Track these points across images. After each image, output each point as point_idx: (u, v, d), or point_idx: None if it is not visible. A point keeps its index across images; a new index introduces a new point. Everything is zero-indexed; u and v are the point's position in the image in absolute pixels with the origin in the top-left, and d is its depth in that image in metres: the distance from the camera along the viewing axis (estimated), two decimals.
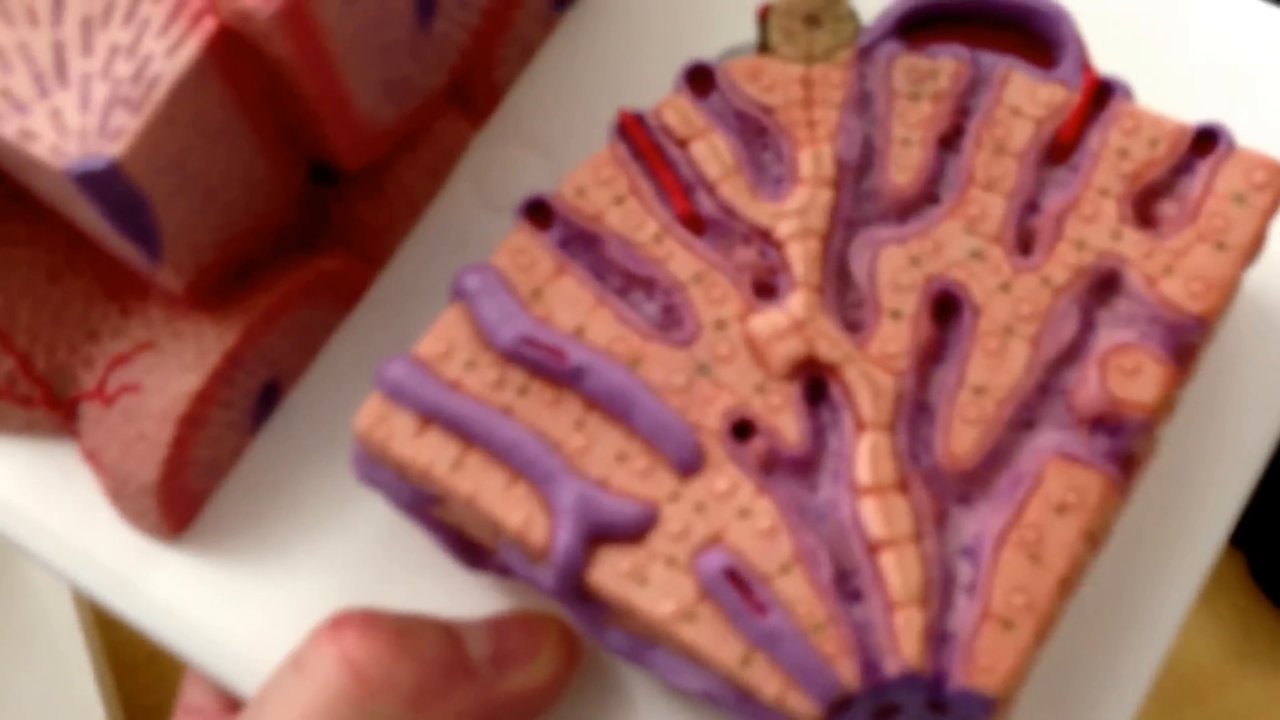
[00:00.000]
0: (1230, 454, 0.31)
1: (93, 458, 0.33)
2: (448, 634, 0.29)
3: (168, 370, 0.31)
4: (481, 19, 0.33)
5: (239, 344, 0.31)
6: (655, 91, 0.36)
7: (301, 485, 0.33)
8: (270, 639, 0.32)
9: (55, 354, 0.32)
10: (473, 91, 0.35)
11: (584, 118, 0.36)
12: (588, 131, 0.36)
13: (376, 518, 0.32)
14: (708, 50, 0.36)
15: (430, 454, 0.27)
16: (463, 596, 0.32)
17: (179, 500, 0.32)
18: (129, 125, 0.26)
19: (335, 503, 0.33)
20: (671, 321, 0.28)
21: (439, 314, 0.34)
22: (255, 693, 0.29)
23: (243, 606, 0.32)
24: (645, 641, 0.28)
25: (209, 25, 0.27)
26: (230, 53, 0.27)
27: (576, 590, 0.27)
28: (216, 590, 0.32)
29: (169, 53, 0.27)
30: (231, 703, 0.35)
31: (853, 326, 0.28)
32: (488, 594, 0.32)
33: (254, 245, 0.32)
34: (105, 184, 0.27)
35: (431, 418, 0.27)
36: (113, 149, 0.26)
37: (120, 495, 0.32)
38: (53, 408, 0.33)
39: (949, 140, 0.29)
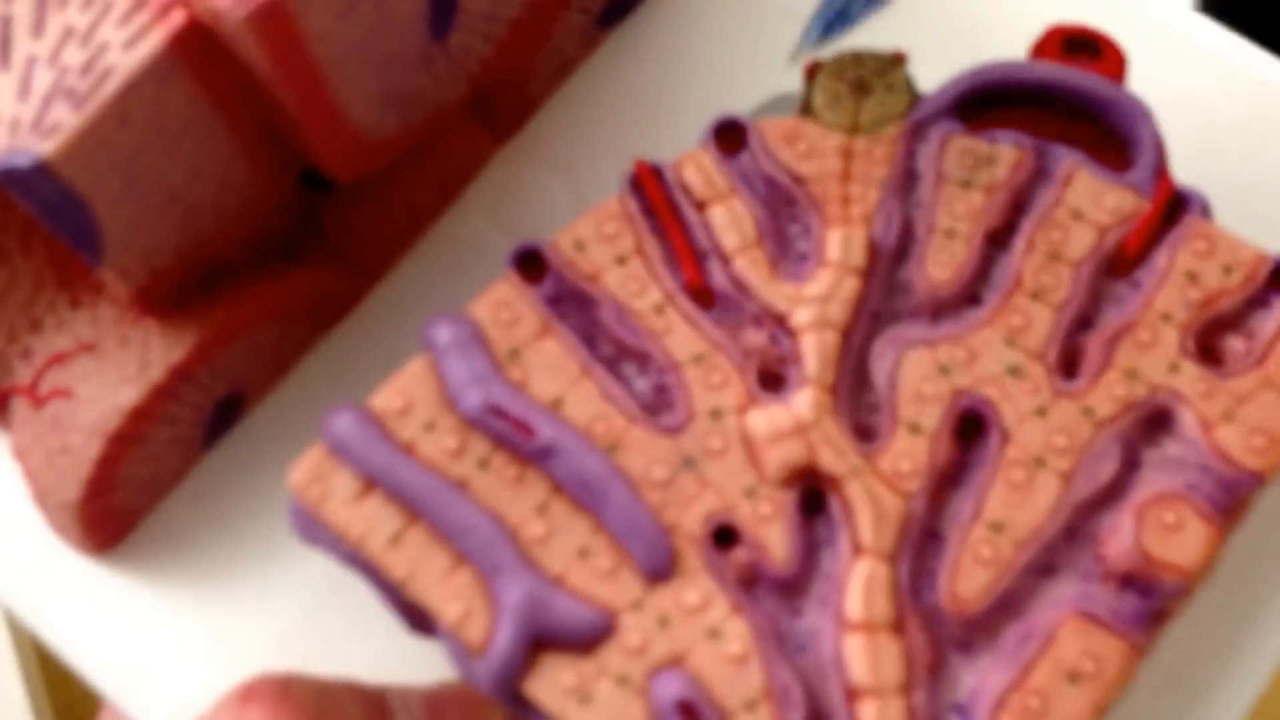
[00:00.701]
0: None
1: (20, 458, 0.30)
2: (375, 711, 0.26)
3: (105, 380, 0.28)
4: (510, 31, 0.30)
5: (188, 359, 0.28)
6: (695, 126, 0.33)
7: (248, 512, 0.30)
8: (187, 680, 0.29)
9: None
10: (499, 106, 0.32)
11: (616, 145, 0.33)
12: (618, 161, 0.33)
13: (322, 559, 0.29)
14: (755, 91, 0.32)
15: (367, 524, 0.24)
16: (405, 659, 0.29)
17: (105, 519, 0.29)
18: (67, 121, 0.23)
19: (281, 536, 0.30)
20: (662, 403, 0.25)
21: (408, 358, 0.31)
22: None
23: (164, 639, 0.29)
24: None
25: (177, 19, 0.24)
26: (202, 50, 0.24)
27: (512, 696, 0.24)
28: (139, 617, 0.29)
29: (128, 45, 0.24)
30: None
31: (865, 434, 0.25)
32: (432, 658, 0.29)
33: (226, 251, 0.29)
34: (31, 182, 0.24)
35: (375, 482, 0.24)
36: (43, 146, 0.23)
37: (43, 505, 0.29)
38: None
39: (999, 237, 0.26)
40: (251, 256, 0.29)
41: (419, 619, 0.27)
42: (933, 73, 0.32)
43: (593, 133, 0.33)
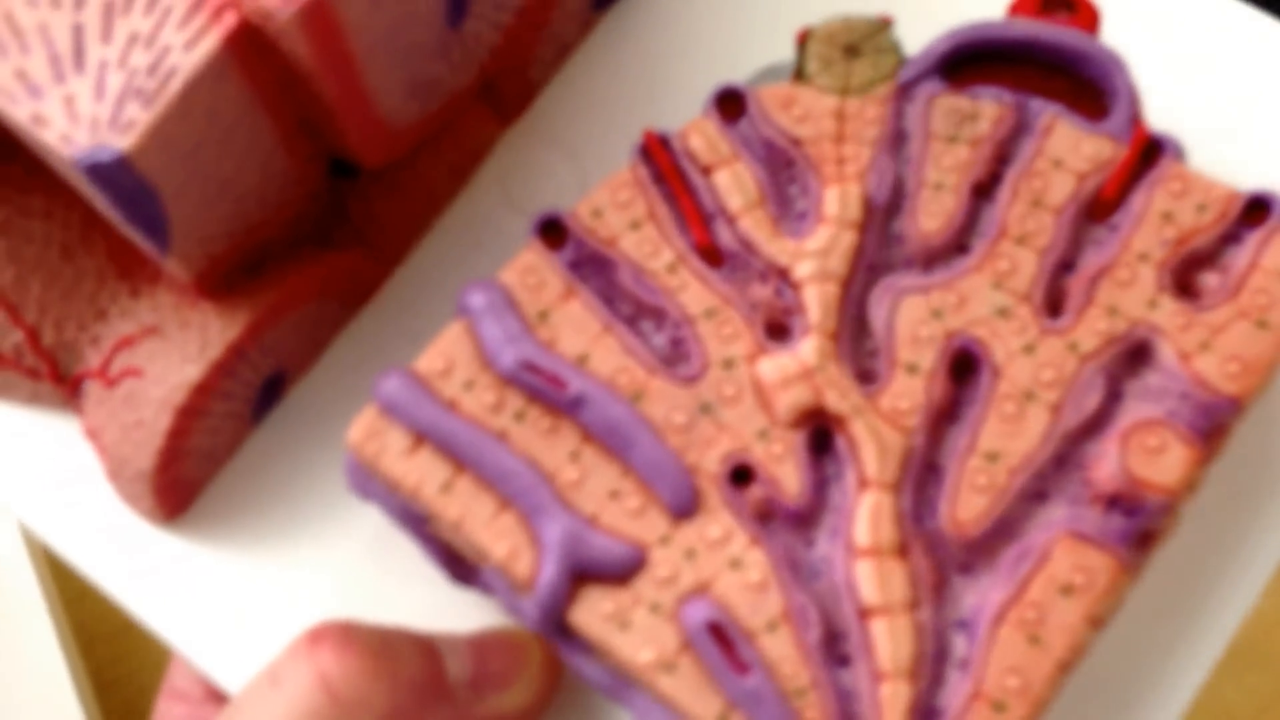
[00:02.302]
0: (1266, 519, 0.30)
1: (94, 436, 0.32)
2: (427, 653, 0.28)
3: (170, 359, 0.30)
4: (516, 18, 0.32)
5: (242, 337, 0.30)
6: (690, 99, 0.35)
7: (298, 481, 0.32)
8: (253, 634, 0.31)
9: (64, 330, 0.32)
10: (504, 91, 0.34)
11: (616, 123, 0.35)
12: (618, 137, 0.35)
13: (369, 521, 0.32)
14: (748, 63, 0.34)
15: (420, 474, 0.27)
16: (449, 608, 0.31)
17: (174, 488, 0.32)
18: (141, 118, 0.26)
19: (329, 502, 0.32)
20: (679, 355, 0.27)
21: (448, 320, 0.33)
22: (231, 701, 0.28)
23: (229, 598, 0.32)
24: (624, 681, 0.27)
25: (230, 20, 0.26)
26: (250, 48, 0.26)
27: (558, 626, 0.26)
28: (206, 579, 0.32)
29: (187, 46, 0.26)
30: (215, 691, 0.34)
31: (866, 376, 0.27)
32: (474, 608, 0.31)
33: (268, 238, 0.31)
34: (113, 176, 0.26)
35: (425, 437, 0.27)
36: (123, 141, 0.26)
37: (118, 477, 0.32)
38: (58, 383, 0.32)
39: (985, 188, 0.28)
40: (290, 241, 0.31)
41: (461, 570, 0.30)
42: (919, 34, 0.33)
43: (592, 111, 0.35)
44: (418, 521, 0.28)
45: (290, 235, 0.31)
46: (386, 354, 0.33)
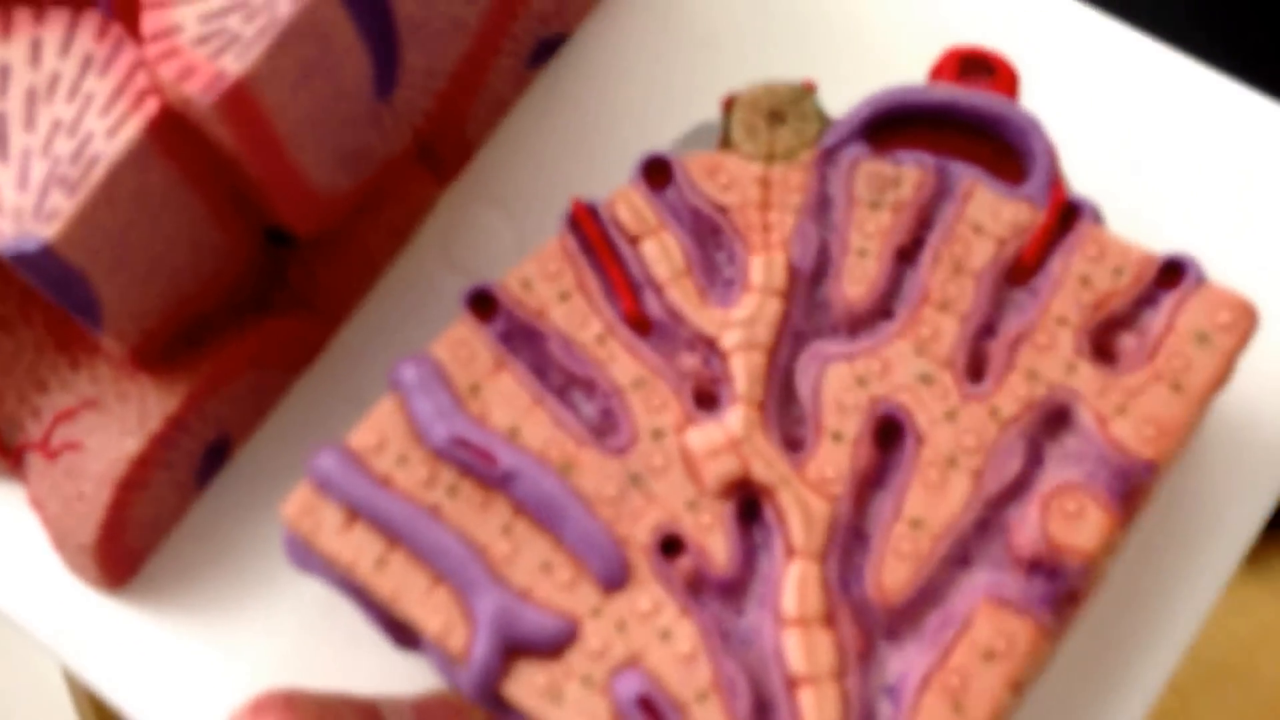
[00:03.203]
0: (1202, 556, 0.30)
1: (37, 507, 0.32)
2: (369, 718, 0.29)
3: (109, 432, 0.31)
4: (449, 82, 0.33)
5: (181, 409, 0.31)
6: (627, 154, 0.35)
7: (243, 546, 0.33)
8: (198, 701, 0.31)
9: (4, 402, 0.32)
10: (441, 151, 0.34)
11: (553, 180, 0.35)
12: (557, 194, 0.35)
13: (313, 585, 0.32)
14: (683, 115, 0.35)
15: (355, 551, 0.27)
16: (393, 673, 0.32)
17: (118, 558, 0.32)
18: (64, 207, 0.26)
19: (275, 566, 0.32)
20: (609, 425, 0.28)
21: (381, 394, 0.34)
22: None
23: (175, 664, 0.32)
24: None
25: (151, 107, 0.26)
26: (174, 132, 0.27)
27: (493, 698, 0.27)
28: (152, 645, 0.32)
29: (110, 133, 0.26)
30: None
31: (793, 443, 0.27)
32: (418, 672, 0.31)
33: (205, 308, 0.31)
34: (40, 264, 0.26)
35: (358, 513, 0.27)
36: (47, 231, 0.26)
37: (61, 548, 0.32)
38: (1, 454, 0.32)
39: (908, 253, 0.28)
40: (228, 310, 0.32)
41: (403, 636, 0.30)
42: (843, 96, 0.34)
43: (530, 169, 0.35)
44: (358, 591, 0.29)
45: (228, 303, 0.32)
46: (330, 415, 0.34)
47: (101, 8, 0.27)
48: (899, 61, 0.33)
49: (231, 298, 0.32)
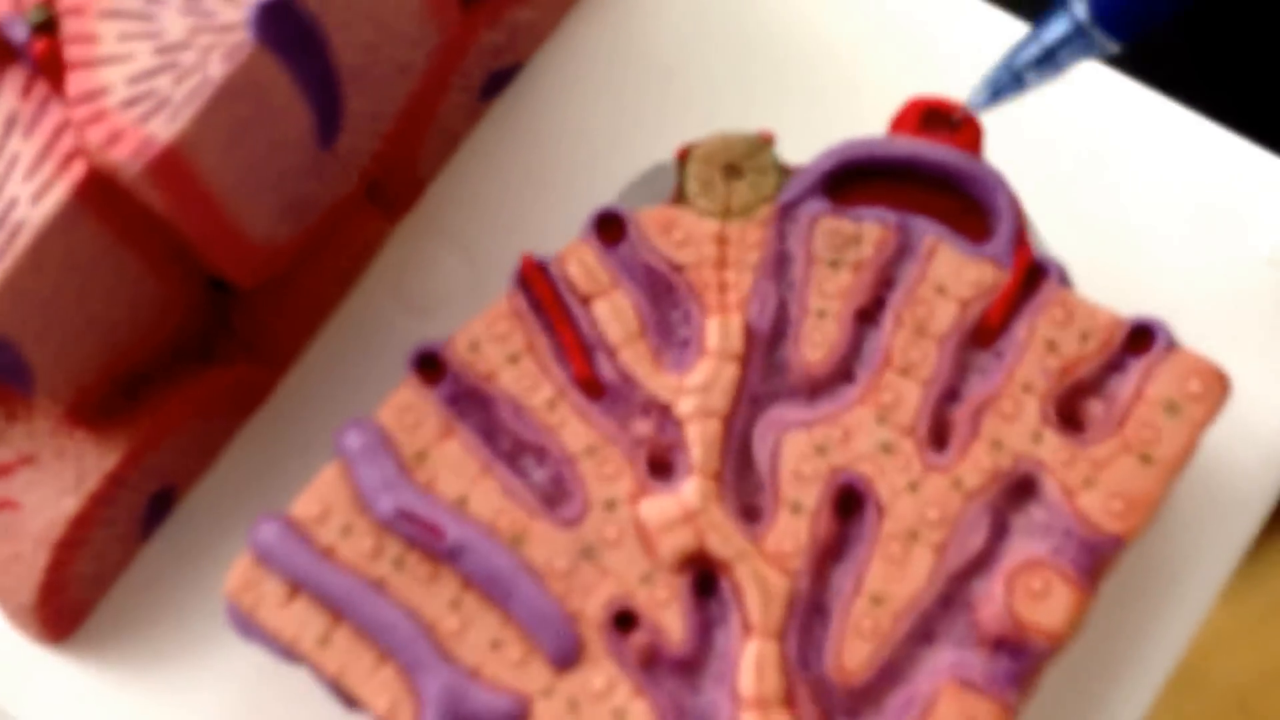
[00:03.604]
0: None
1: None
2: None
3: (47, 490, 0.30)
4: (397, 123, 0.31)
5: (121, 466, 0.29)
6: (582, 188, 0.34)
7: (189, 598, 0.32)
8: None
9: None
10: (391, 188, 0.33)
11: (508, 215, 0.34)
12: (511, 230, 0.34)
13: None
14: (640, 146, 0.34)
15: (298, 626, 0.26)
16: None
17: (59, 615, 0.31)
18: None
19: (223, 616, 0.31)
20: (560, 494, 0.27)
21: (341, 424, 0.33)
22: None
23: (121, 718, 0.31)
24: None
25: (78, 170, 0.25)
26: (102, 194, 0.26)
27: None
28: (96, 700, 0.31)
29: (35, 197, 0.25)
30: None
31: (751, 513, 0.27)
32: None
33: (144, 360, 0.30)
34: None
35: (301, 586, 0.26)
36: None
37: (2, 605, 0.31)
38: None
39: (869, 313, 0.27)
40: (169, 361, 0.30)
41: (352, 701, 0.29)
42: (803, 147, 0.32)
43: (483, 204, 0.34)
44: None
45: (169, 354, 0.31)
46: (279, 460, 0.33)
47: (26, 65, 0.25)
48: (860, 111, 0.32)
49: (172, 348, 0.31)
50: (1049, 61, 0.27)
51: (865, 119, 0.33)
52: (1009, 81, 0.27)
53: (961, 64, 0.33)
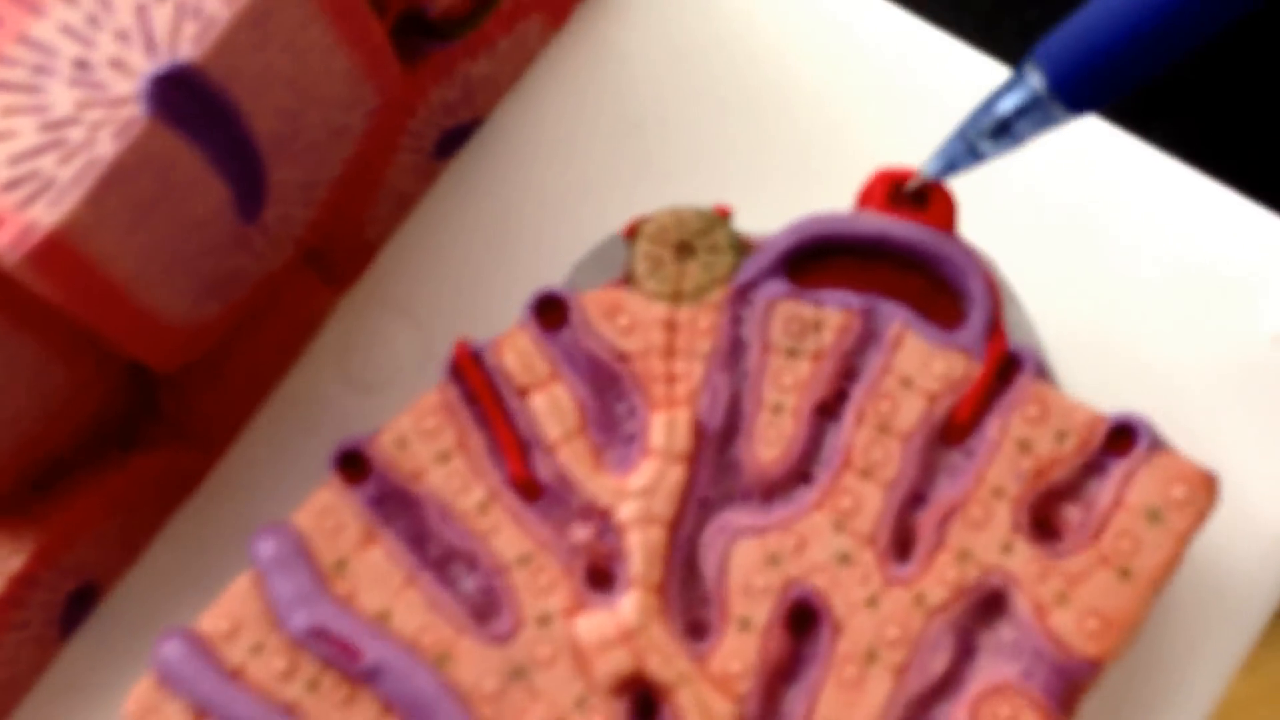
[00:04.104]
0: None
1: None
2: None
3: None
4: (335, 189, 0.29)
5: (29, 566, 0.28)
6: (544, 255, 0.32)
7: (113, 701, 0.30)
8: None
9: None
10: (335, 256, 0.31)
11: (463, 283, 0.32)
12: (465, 298, 0.32)
13: None
14: (605, 207, 0.32)
15: None
16: None
17: None
18: None
19: None
20: (491, 606, 0.25)
21: (280, 510, 0.31)
22: None
23: None
24: None
25: None
26: None
27: None
28: None
29: None
30: None
31: (696, 629, 0.24)
32: None
33: (56, 450, 0.28)
34: None
35: (207, 711, 0.24)
36: None
37: None
38: None
39: (829, 407, 0.25)
40: (88, 449, 0.28)
41: None
42: (760, 221, 0.30)
43: (436, 270, 0.32)
44: None
45: (88, 441, 0.29)
46: (211, 553, 0.30)
47: None
48: (823, 181, 0.29)
49: (91, 435, 0.29)
50: (1005, 133, 0.24)
51: (843, 172, 0.30)
52: (963, 153, 0.25)
53: (937, 130, 0.31)
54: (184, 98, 0.24)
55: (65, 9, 0.24)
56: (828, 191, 0.31)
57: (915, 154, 0.30)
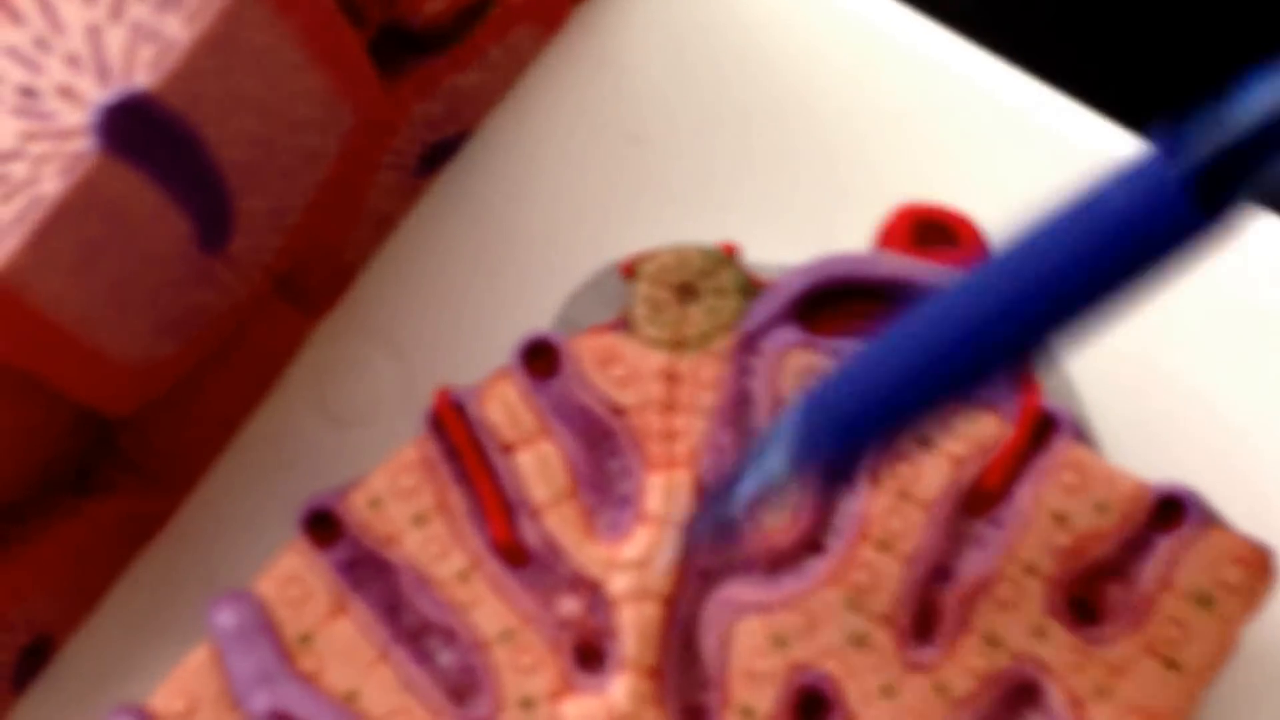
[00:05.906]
0: None
1: None
2: None
3: None
4: (309, 214, 0.27)
5: None
6: (533, 280, 0.30)
7: None
8: None
9: None
10: (310, 282, 0.29)
11: (447, 308, 0.30)
12: (450, 326, 0.30)
13: None
14: (601, 228, 0.29)
15: None
16: None
17: None
18: None
19: None
20: (469, 685, 0.22)
21: (250, 557, 0.29)
22: None
23: None
24: None
25: None
26: None
27: None
28: None
29: None
30: None
31: (695, 713, 0.22)
32: None
33: (4, 496, 0.26)
34: None
35: None
36: None
37: None
38: None
39: None
40: (38, 496, 0.26)
41: None
42: (772, 255, 0.28)
43: (420, 296, 0.30)
44: None
45: (39, 489, 0.26)
46: (174, 602, 0.28)
47: None
48: (838, 203, 0.27)
49: (41, 482, 0.26)
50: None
51: (861, 193, 0.28)
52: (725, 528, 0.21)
53: (966, 163, 0.28)
54: (139, 128, 0.21)
55: (10, 30, 0.22)
56: (844, 214, 0.28)
57: (944, 181, 0.28)
